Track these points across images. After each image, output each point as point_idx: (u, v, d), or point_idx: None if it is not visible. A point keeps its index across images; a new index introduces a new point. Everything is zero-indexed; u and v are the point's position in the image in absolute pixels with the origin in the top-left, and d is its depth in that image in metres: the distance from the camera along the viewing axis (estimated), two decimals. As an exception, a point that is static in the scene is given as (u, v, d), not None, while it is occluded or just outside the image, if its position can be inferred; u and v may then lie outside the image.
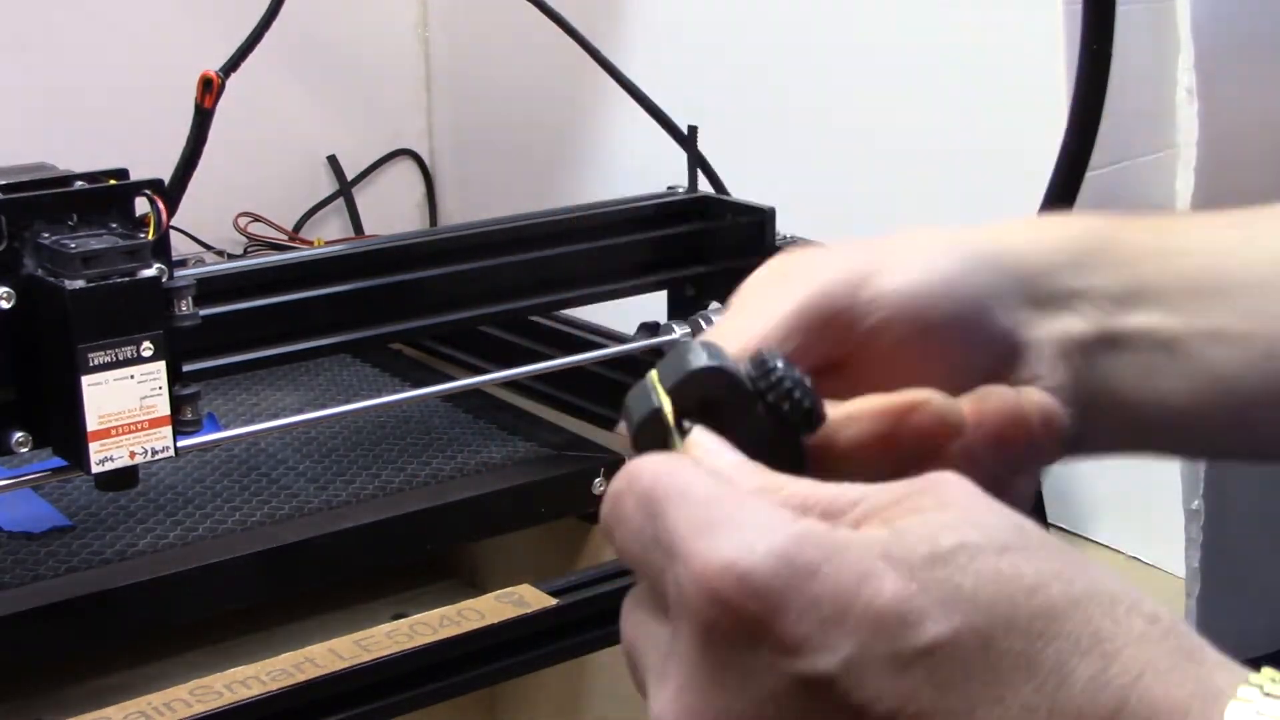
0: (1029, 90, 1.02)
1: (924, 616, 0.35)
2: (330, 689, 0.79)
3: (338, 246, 1.23)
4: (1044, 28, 0.97)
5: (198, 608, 0.93)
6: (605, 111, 1.38)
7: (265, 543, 0.95)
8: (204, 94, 0.95)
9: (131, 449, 0.77)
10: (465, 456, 1.09)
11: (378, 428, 1.13)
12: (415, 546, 1.02)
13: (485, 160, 1.61)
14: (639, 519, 0.39)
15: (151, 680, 0.92)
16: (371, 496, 1.02)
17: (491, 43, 1.56)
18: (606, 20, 1.33)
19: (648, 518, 0.39)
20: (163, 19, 1.45)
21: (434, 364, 1.29)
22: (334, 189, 1.58)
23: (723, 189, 1.14)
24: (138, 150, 0.89)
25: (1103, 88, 0.88)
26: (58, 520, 0.97)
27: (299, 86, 1.54)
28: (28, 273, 0.76)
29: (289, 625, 1.03)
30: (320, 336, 0.97)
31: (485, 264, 1.03)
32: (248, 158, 1.46)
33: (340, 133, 1.59)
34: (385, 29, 1.61)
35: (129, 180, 0.80)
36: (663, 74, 1.23)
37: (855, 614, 0.36)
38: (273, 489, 1.03)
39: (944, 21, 1.09)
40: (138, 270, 0.76)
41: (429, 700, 0.84)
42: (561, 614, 0.87)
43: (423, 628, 0.83)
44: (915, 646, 0.35)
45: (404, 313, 1.01)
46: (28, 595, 0.88)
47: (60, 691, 0.93)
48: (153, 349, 0.77)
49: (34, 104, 1.38)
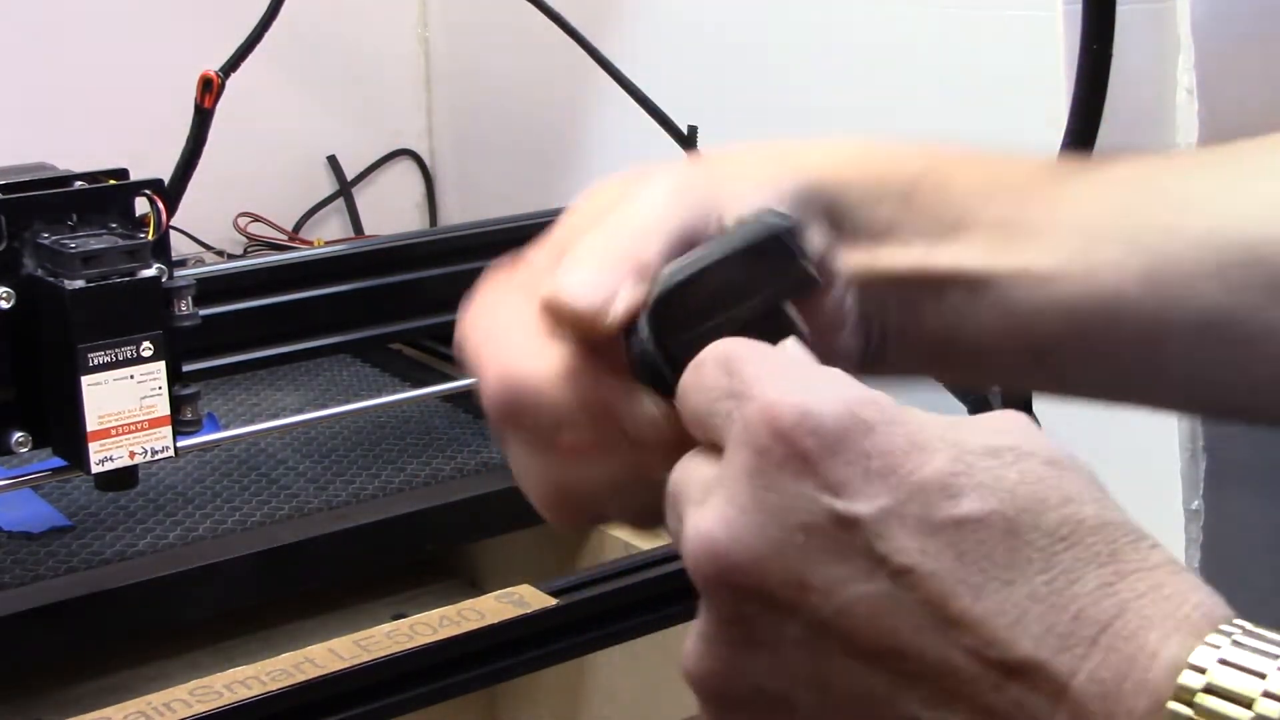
0: (1029, 90, 1.02)
1: (962, 492, 0.38)
2: (330, 689, 0.79)
3: (338, 246, 1.24)
4: (1044, 28, 0.97)
5: (198, 608, 0.93)
6: (605, 111, 1.38)
7: (265, 543, 0.95)
8: (204, 94, 0.95)
9: (131, 449, 0.77)
10: (465, 456, 1.09)
11: (378, 428, 1.13)
12: (415, 546, 1.02)
13: (485, 160, 1.61)
14: (716, 375, 0.41)
15: (151, 680, 0.92)
16: (371, 496, 1.02)
17: (491, 43, 1.56)
18: (606, 20, 1.33)
19: (726, 374, 0.41)
20: (163, 19, 1.45)
21: (434, 364, 1.28)
22: (334, 189, 1.58)
23: (723, 189, 1.14)
24: (138, 150, 0.89)
25: (1103, 88, 0.88)
26: (58, 520, 0.97)
27: (299, 86, 1.54)
28: (27, 273, 0.76)
29: (289, 625, 1.03)
30: (320, 336, 0.97)
31: (485, 264, 1.03)
32: (248, 158, 1.46)
33: (340, 133, 1.59)
34: (385, 29, 1.61)
35: (129, 180, 0.80)
36: (663, 74, 1.23)
37: (900, 474, 0.38)
38: (273, 489, 1.03)
39: (944, 22, 1.09)
40: (138, 270, 0.77)
41: (429, 700, 0.84)
42: (561, 614, 0.87)
43: (423, 628, 0.83)
44: (947, 516, 0.38)
45: (404, 313, 1.01)
46: (28, 595, 0.88)
47: (60, 691, 0.93)
48: (152, 349, 0.77)
49: (34, 104, 1.38)
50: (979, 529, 0.38)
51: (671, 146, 1.14)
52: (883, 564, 0.38)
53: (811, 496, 0.38)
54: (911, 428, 0.39)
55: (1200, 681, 0.36)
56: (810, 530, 0.38)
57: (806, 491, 0.38)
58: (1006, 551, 0.38)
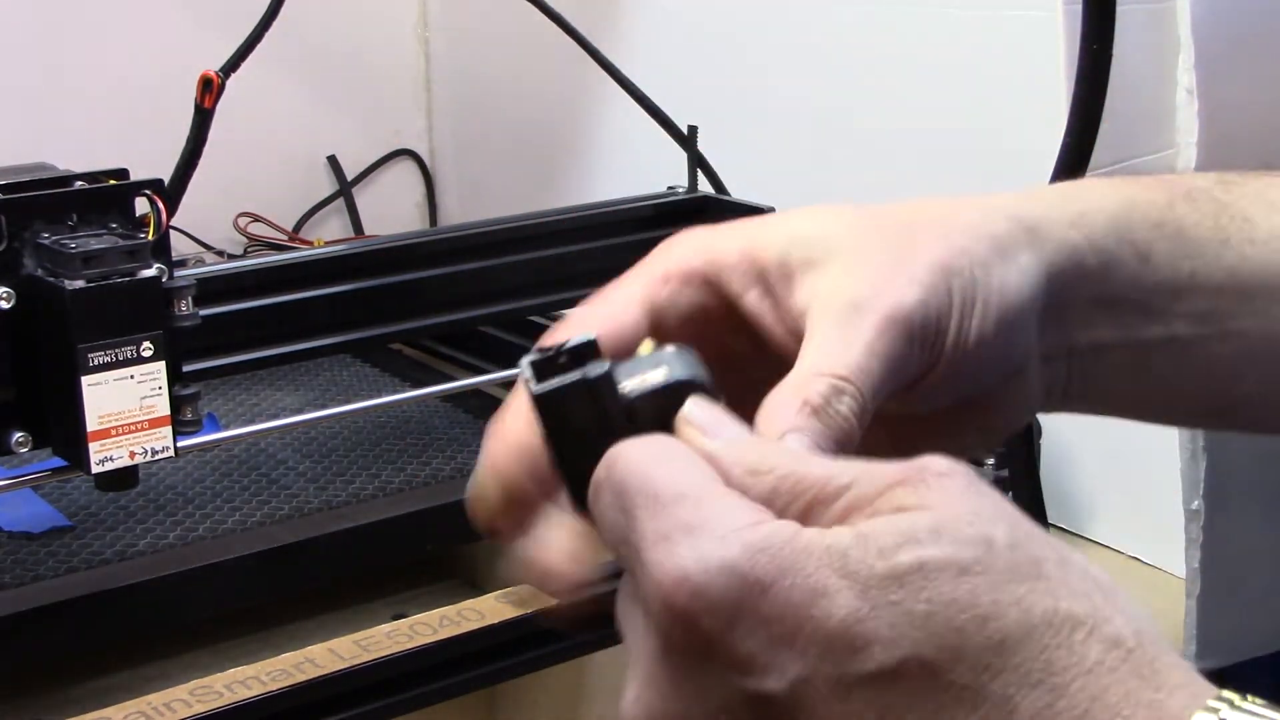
0: (1029, 90, 1.02)
1: (872, 642, 0.35)
2: (330, 689, 0.79)
3: (338, 246, 1.24)
4: (1044, 28, 0.96)
5: (198, 608, 0.93)
6: (605, 111, 1.38)
7: (265, 543, 0.95)
8: (204, 94, 0.95)
9: (131, 449, 0.77)
10: (465, 456, 1.08)
11: (378, 428, 1.13)
12: (415, 546, 1.02)
13: (485, 160, 1.61)
14: (612, 514, 0.40)
15: (151, 680, 0.92)
16: (371, 496, 1.02)
17: (491, 43, 1.56)
18: (606, 20, 1.33)
19: (619, 513, 0.39)
20: (163, 19, 1.45)
21: (434, 364, 1.28)
22: (334, 189, 1.58)
23: (723, 189, 1.14)
24: (138, 150, 0.89)
25: (1103, 88, 0.88)
26: (58, 520, 0.97)
27: (299, 86, 1.54)
28: (28, 273, 0.76)
29: (289, 625, 1.03)
30: (320, 336, 0.97)
31: (485, 264, 1.03)
32: (248, 158, 1.46)
33: (340, 133, 1.59)
34: (385, 29, 1.61)
35: (129, 180, 0.80)
36: (663, 74, 1.23)
37: (804, 635, 0.36)
38: (273, 489, 1.03)
39: (944, 22, 1.09)
40: (138, 270, 0.76)
41: (429, 700, 0.84)
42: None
43: (423, 628, 0.83)
44: (861, 672, 0.35)
45: (404, 313, 1.01)
46: (28, 595, 0.88)
47: (60, 691, 0.93)
48: (152, 349, 0.77)
49: (34, 104, 1.38)
50: (896, 680, 0.35)
51: (671, 146, 1.14)
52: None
53: (722, 678, 0.37)
54: (809, 569, 0.36)
55: None
56: (731, 711, 0.37)
57: (717, 673, 0.37)
58: (930, 697, 0.35)
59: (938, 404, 0.48)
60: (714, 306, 0.48)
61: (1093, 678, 0.35)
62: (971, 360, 0.46)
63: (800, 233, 0.47)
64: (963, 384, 0.47)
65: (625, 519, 0.39)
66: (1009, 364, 0.48)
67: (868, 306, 0.44)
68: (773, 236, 0.48)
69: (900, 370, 0.44)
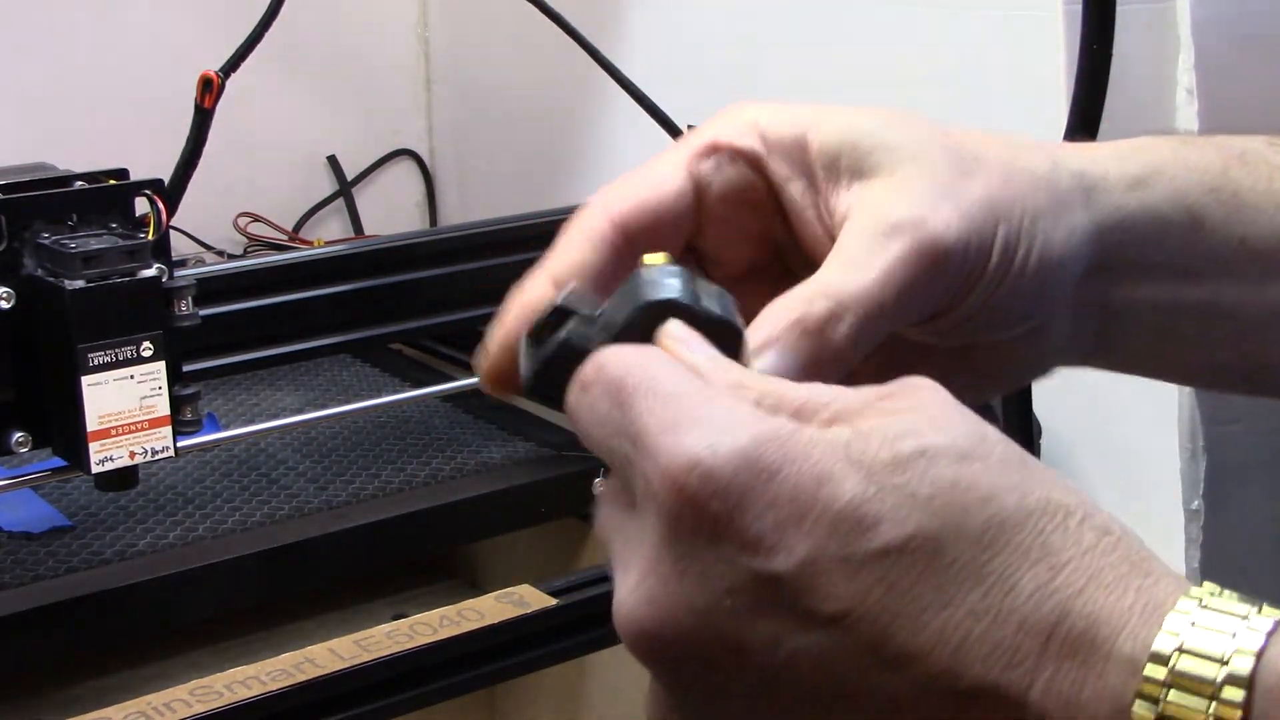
0: (1029, 90, 1.02)
1: (879, 520, 0.36)
2: (330, 689, 0.79)
3: (338, 246, 1.24)
4: (1044, 28, 0.97)
5: (198, 608, 0.93)
6: (605, 111, 1.38)
7: (265, 543, 0.95)
8: (204, 94, 0.95)
9: (131, 449, 0.77)
10: (465, 456, 1.08)
11: (378, 428, 1.13)
12: (415, 546, 1.02)
13: (485, 160, 1.61)
14: (605, 407, 0.40)
15: (151, 680, 0.92)
16: (371, 496, 1.02)
17: (491, 43, 1.56)
18: (606, 20, 1.33)
19: (615, 407, 0.39)
20: (163, 19, 1.45)
21: (434, 364, 1.29)
22: (334, 189, 1.58)
23: (723, 189, 1.14)
24: (138, 150, 0.89)
25: (1103, 88, 0.88)
26: (58, 520, 0.97)
27: (299, 86, 1.54)
28: (28, 273, 0.76)
29: (289, 625, 1.03)
30: (320, 336, 0.97)
31: (485, 264, 1.03)
32: (248, 158, 1.46)
33: (340, 133, 1.59)
34: (385, 29, 1.61)
35: (129, 180, 0.80)
36: (663, 74, 1.23)
37: (812, 516, 0.37)
38: (273, 489, 1.03)
39: (944, 22, 1.09)
40: (138, 270, 0.77)
41: (429, 700, 0.84)
42: (561, 614, 0.87)
43: (423, 628, 0.83)
44: (868, 549, 0.36)
45: (404, 313, 1.01)
46: (28, 595, 0.88)
47: (60, 691, 0.93)
48: (152, 349, 0.77)
49: (34, 104, 1.38)
50: (903, 556, 0.36)
51: (671, 146, 1.13)
52: (814, 615, 0.37)
53: (730, 559, 0.37)
54: (814, 456, 0.37)
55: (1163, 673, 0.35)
56: (736, 593, 0.37)
57: (724, 555, 0.37)
58: (936, 573, 0.36)
59: (950, 341, 0.48)
60: (757, 188, 0.48)
61: (1089, 558, 0.36)
62: (999, 307, 0.46)
63: (858, 134, 0.47)
64: (983, 327, 0.47)
65: (621, 412, 0.39)
66: (1035, 317, 0.48)
67: (904, 231, 0.44)
68: (829, 132, 0.47)
69: (921, 301, 0.44)
